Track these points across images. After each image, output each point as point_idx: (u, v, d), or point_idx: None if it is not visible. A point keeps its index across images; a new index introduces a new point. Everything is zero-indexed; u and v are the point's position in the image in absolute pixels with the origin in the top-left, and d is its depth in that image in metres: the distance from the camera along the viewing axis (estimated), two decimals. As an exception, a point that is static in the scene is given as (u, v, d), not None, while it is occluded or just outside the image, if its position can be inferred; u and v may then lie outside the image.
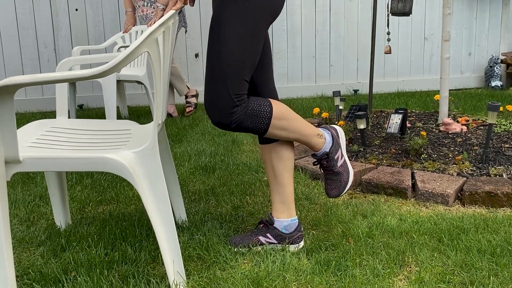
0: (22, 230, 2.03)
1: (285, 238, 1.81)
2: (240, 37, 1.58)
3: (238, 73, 1.59)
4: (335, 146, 1.82)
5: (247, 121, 1.62)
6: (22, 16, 4.88)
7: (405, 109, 3.07)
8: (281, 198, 1.82)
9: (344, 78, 5.57)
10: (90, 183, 2.60)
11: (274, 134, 1.69)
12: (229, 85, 1.58)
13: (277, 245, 1.83)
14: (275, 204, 1.83)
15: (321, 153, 1.81)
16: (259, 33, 1.62)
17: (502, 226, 1.96)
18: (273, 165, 1.81)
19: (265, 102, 1.66)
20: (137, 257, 1.76)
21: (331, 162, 1.82)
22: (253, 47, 1.61)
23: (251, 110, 1.62)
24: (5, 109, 1.33)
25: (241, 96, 1.60)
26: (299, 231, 1.83)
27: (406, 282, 1.59)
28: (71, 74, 1.31)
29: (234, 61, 1.58)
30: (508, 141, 2.93)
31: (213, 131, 3.76)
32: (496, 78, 5.70)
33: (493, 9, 5.80)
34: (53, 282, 1.61)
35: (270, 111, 1.65)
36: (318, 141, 1.79)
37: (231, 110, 1.59)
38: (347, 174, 1.85)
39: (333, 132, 1.85)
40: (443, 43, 3.31)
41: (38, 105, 5.00)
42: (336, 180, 1.83)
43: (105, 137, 1.75)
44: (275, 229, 1.82)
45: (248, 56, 1.60)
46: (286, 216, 1.83)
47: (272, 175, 1.82)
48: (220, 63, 1.58)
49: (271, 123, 1.65)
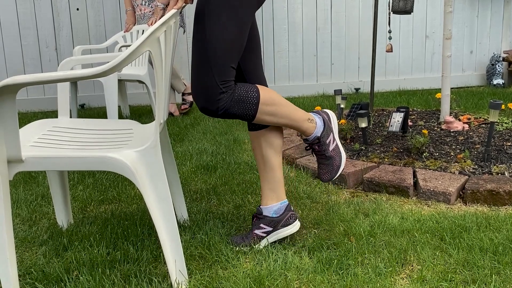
0: (24, 230, 2.04)
1: (278, 221, 1.82)
2: (225, 24, 1.59)
3: (224, 60, 1.59)
4: (326, 131, 1.82)
5: (234, 108, 1.62)
6: (24, 16, 4.89)
7: (407, 108, 3.07)
8: (270, 185, 1.83)
9: (345, 76, 5.56)
10: (92, 183, 2.60)
11: (262, 119, 1.69)
12: (214, 72, 1.59)
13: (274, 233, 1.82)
14: (264, 192, 1.85)
15: (312, 138, 1.81)
16: (244, 19, 1.63)
17: (504, 225, 1.96)
18: (262, 150, 1.82)
19: (252, 88, 1.66)
20: (139, 256, 1.76)
21: (322, 147, 1.82)
22: (238, 34, 1.61)
23: (237, 96, 1.62)
24: (7, 109, 1.33)
25: (228, 82, 1.60)
26: (290, 210, 1.84)
27: (408, 281, 1.59)
28: (72, 73, 1.32)
29: (219, 48, 1.58)
30: (510, 139, 2.93)
31: (215, 130, 3.76)
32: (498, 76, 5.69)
33: (494, 7, 5.79)
34: (55, 282, 1.62)
35: (257, 97, 1.65)
36: (308, 125, 1.79)
37: (218, 97, 1.59)
38: (339, 158, 1.84)
39: (325, 117, 1.85)
40: (445, 41, 3.30)
41: (39, 105, 5.00)
42: (329, 164, 1.84)
43: (107, 137, 1.75)
44: (265, 217, 1.83)
45: (234, 43, 1.61)
46: (275, 201, 1.84)
47: (262, 161, 1.83)
48: (206, 50, 1.59)
49: (258, 108, 1.66)
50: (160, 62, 1.50)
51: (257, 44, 1.81)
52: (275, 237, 1.83)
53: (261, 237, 1.82)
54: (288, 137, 3.27)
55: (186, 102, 4.53)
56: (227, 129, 3.77)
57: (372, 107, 3.84)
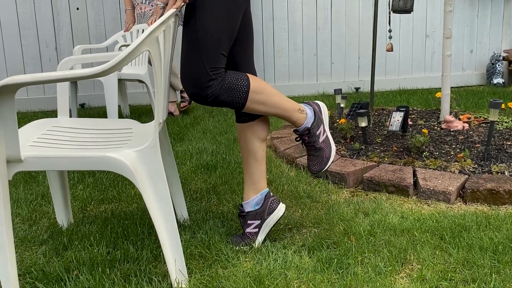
0: (24, 229, 2.04)
1: (262, 212, 1.82)
2: (217, 10, 1.59)
3: (214, 46, 1.59)
4: (317, 122, 1.82)
5: (223, 95, 1.62)
6: (23, 16, 4.89)
7: (407, 107, 3.07)
8: (251, 178, 1.84)
9: (345, 76, 5.56)
10: (92, 182, 2.60)
11: (252, 108, 1.70)
12: (204, 59, 1.59)
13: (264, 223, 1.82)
14: (245, 187, 1.85)
15: (303, 128, 1.81)
16: (235, 7, 1.63)
17: (504, 224, 1.96)
18: (249, 143, 1.82)
19: (243, 76, 1.67)
20: (139, 255, 1.76)
21: (312, 138, 1.82)
22: (229, 21, 1.62)
23: (227, 84, 1.62)
24: (6, 108, 1.33)
25: (217, 69, 1.61)
26: (269, 197, 1.84)
27: (408, 280, 1.59)
28: (72, 73, 1.32)
29: (209, 34, 1.58)
30: (510, 139, 2.92)
31: (214, 129, 3.76)
32: (498, 76, 5.69)
33: (494, 6, 5.79)
34: (55, 281, 1.62)
35: (248, 85, 1.65)
36: (299, 116, 1.79)
37: (207, 84, 1.59)
38: (329, 149, 1.84)
39: (315, 108, 1.85)
40: (445, 40, 3.30)
41: (39, 105, 5.00)
42: (318, 155, 1.84)
43: (106, 136, 1.75)
44: (248, 213, 1.83)
45: (224, 30, 1.61)
46: (255, 194, 1.84)
47: (247, 153, 1.83)
48: (195, 37, 1.59)
49: (248, 97, 1.66)
50: (159, 61, 1.50)
51: (250, 36, 1.81)
52: (267, 227, 1.83)
53: (255, 233, 1.82)
54: (288, 137, 3.27)
55: (185, 100, 4.52)
56: (227, 129, 3.77)
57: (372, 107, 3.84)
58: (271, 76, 5.39)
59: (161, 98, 1.57)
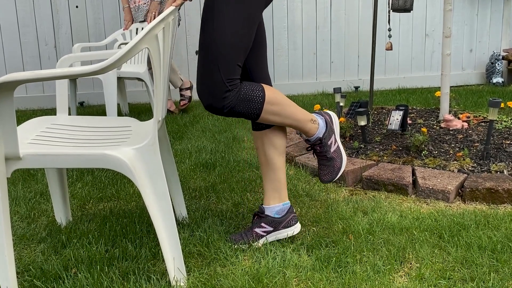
0: (22, 227, 2.03)
1: (279, 222, 1.82)
2: (233, 22, 1.58)
3: (231, 57, 1.59)
4: (328, 132, 1.83)
5: (239, 106, 1.62)
6: (23, 14, 4.88)
7: (406, 106, 3.07)
8: (272, 185, 1.83)
9: (345, 74, 5.56)
10: (91, 180, 2.60)
11: (267, 119, 1.69)
12: (221, 70, 1.58)
13: (275, 233, 1.82)
14: (267, 192, 1.85)
15: (315, 139, 1.81)
16: (252, 18, 1.62)
17: (502, 223, 1.96)
18: (265, 151, 1.82)
19: (258, 87, 1.66)
20: (137, 253, 1.76)
21: (324, 148, 1.82)
22: (246, 32, 1.61)
23: (243, 95, 1.62)
24: (5, 106, 1.33)
25: (234, 80, 1.60)
26: (291, 212, 1.84)
27: (407, 279, 1.59)
28: (71, 70, 1.31)
29: (226, 45, 1.58)
30: (509, 138, 2.93)
31: (214, 128, 3.76)
32: (497, 75, 5.69)
33: (494, 5, 5.79)
34: (53, 279, 1.61)
35: (263, 96, 1.65)
36: (311, 126, 1.79)
37: (224, 95, 1.59)
38: (340, 159, 1.85)
39: (327, 118, 1.85)
40: (444, 39, 3.30)
41: (38, 103, 5.00)
42: (329, 165, 1.84)
43: (105, 134, 1.75)
44: (267, 216, 1.83)
45: (241, 41, 1.60)
46: (277, 202, 1.84)
47: (265, 161, 1.83)
48: (213, 48, 1.59)
49: (263, 108, 1.66)
50: (158, 59, 1.49)
51: (263, 43, 1.81)
52: (274, 237, 1.83)
53: (261, 236, 1.82)
54: (287, 135, 3.27)
55: (185, 98, 4.50)
56: (226, 127, 3.77)
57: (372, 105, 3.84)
58: (271, 74, 5.38)
59: (160, 96, 1.57)
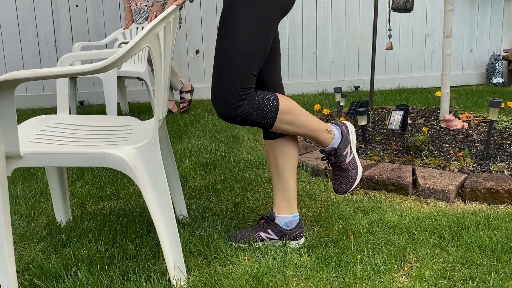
0: (22, 226, 2.03)
1: (286, 234, 1.81)
2: (249, 31, 1.58)
3: (246, 67, 1.58)
4: (344, 142, 1.80)
5: (253, 115, 1.62)
6: (23, 13, 4.88)
7: (406, 106, 3.07)
8: (283, 195, 1.82)
9: (345, 74, 5.56)
10: (91, 179, 2.60)
11: (280, 128, 1.68)
12: (236, 79, 1.58)
13: (278, 241, 1.82)
14: (277, 201, 1.83)
15: (329, 149, 1.79)
16: (269, 28, 1.62)
17: (503, 223, 1.96)
18: (276, 160, 1.80)
19: (272, 96, 1.65)
20: (137, 252, 1.76)
21: (339, 158, 1.80)
22: (262, 42, 1.60)
23: (257, 104, 1.62)
24: (6, 104, 1.33)
25: (248, 90, 1.60)
26: (300, 227, 1.83)
27: (407, 278, 1.59)
28: (72, 69, 1.31)
29: (242, 55, 1.58)
30: (509, 138, 2.92)
31: (214, 127, 3.76)
32: (497, 75, 5.69)
33: (494, 5, 5.79)
34: (53, 278, 1.61)
35: (277, 105, 1.64)
36: (326, 136, 1.77)
37: (237, 104, 1.59)
38: (356, 170, 1.82)
39: (343, 128, 1.83)
40: (445, 39, 3.30)
41: (38, 102, 4.99)
42: (344, 176, 1.82)
43: (106, 133, 1.75)
44: (276, 225, 1.82)
45: (257, 51, 1.60)
46: (287, 213, 1.82)
47: (275, 170, 1.82)
48: (228, 57, 1.58)
49: (277, 117, 1.65)
50: (159, 58, 1.49)
51: (277, 53, 1.80)
52: (276, 243, 1.83)
53: (263, 240, 1.82)
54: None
55: (185, 101, 4.50)
56: (227, 127, 3.77)
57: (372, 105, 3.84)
58: (271, 74, 5.38)
59: (161, 95, 1.57)
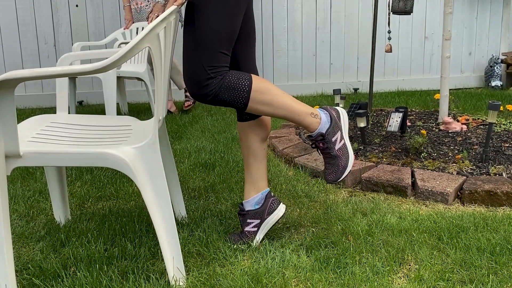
0: (21, 226, 2.03)
1: (262, 211, 1.82)
2: (216, 9, 1.58)
3: (213, 45, 1.58)
4: (333, 128, 1.75)
5: (223, 94, 1.61)
6: (22, 12, 4.87)
7: (406, 108, 3.07)
8: (252, 177, 1.83)
9: (344, 76, 5.56)
10: (90, 179, 2.59)
11: (256, 109, 1.66)
12: (202, 57, 1.58)
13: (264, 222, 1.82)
14: (246, 186, 1.85)
15: (316, 134, 1.74)
16: (237, 5, 1.62)
17: (501, 225, 1.96)
18: (249, 141, 1.82)
19: (245, 75, 1.64)
20: (136, 253, 1.76)
21: (327, 144, 1.74)
22: (229, 20, 1.61)
23: (227, 83, 1.61)
24: (5, 104, 1.33)
25: (217, 68, 1.59)
26: (270, 197, 1.84)
27: (406, 280, 1.59)
28: (72, 68, 1.31)
29: (209, 33, 1.58)
30: (508, 141, 2.93)
31: (213, 128, 3.76)
32: (496, 78, 5.70)
33: (493, 9, 5.80)
34: (52, 277, 1.61)
35: (249, 85, 1.63)
36: (312, 120, 1.73)
37: (205, 82, 1.59)
38: (346, 158, 1.76)
39: (333, 113, 1.77)
40: (444, 41, 3.30)
41: (37, 101, 4.99)
42: (334, 164, 1.75)
43: (105, 133, 1.75)
44: (248, 211, 1.83)
45: (224, 29, 1.60)
46: (255, 193, 1.84)
47: (248, 152, 1.83)
48: (195, 35, 1.59)
49: (250, 96, 1.63)
50: (159, 58, 1.49)
51: (251, 34, 1.80)
52: (266, 227, 1.83)
53: (254, 232, 1.82)
54: (286, 136, 3.27)
55: (190, 99, 4.51)
56: (226, 127, 3.77)
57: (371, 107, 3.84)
58: (270, 75, 5.39)
59: (161, 95, 1.57)
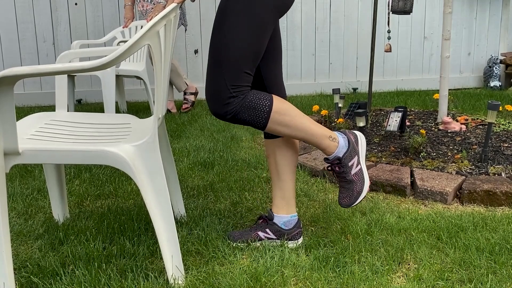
0: (20, 223, 2.02)
1: (284, 234, 1.81)
2: (242, 29, 1.57)
3: (237, 64, 1.57)
4: (350, 152, 1.73)
5: (244, 113, 1.60)
6: (21, 10, 4.86)
7: (405, 108, 3.07)
8: (281, 194, 1.81)
9: (343, 76, 5.56)
10: (89, 177, 2.59)
11: (275, 130, 1.65)
12: (226, 75, 1.57)
13: (276, 241, 1.82)
14: (275, 200, 1.83)
15: (333, 157, 1.72)
16: (263, 26, 1.60)
17: (500, 225, 1.96)
18: (276, 160, 1.80)
19: (266, 96, 1.63)
20: (135, 251, 1.75)
21: (343, 168, 1.72)
22: (256, 40, 1.59)
23: (248, 102, 1.60)
24: (4, 101, 1.32)
25: (239, 87, 1.59)
26: (298, 227, 1.83)
27: (405, 279, 1.59)
28: (71, 65, 1.31)
29: (233, 51, 1.57)
30: (507, 141, 2.93)
31: (212, 127, 3.75)
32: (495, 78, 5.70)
33: (493, 9, 5.80)
34: (51, 275, 1.61)
35: (270, 105, 1.62)
36: (329, 144, 1.71)
37: (227, 101, 1.58)
38: (361, 183, 1.74)
39: (351, 137, 1.75)
40: (444, 41, 3.30)
41: (36, 99, 4.98)
42: (349, 188, 1.74)
43: (105, 131, 1.74)
44: (274, 224, 1.82)
45: (250, 48, 1.58)
46: (285, 212, 1.82)
47: (275, 170, 1.81)
48: (220, 53, 1.58)
49: (270, 117, 1.62)
50: (159, 56, 1.49)
51: (279, 53, 1.79)
52: (274, 243, 1.83)
53: (261, 239, 1.82)
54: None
55: (188, 101, 4.49)
56: (225, 127, 3.76)
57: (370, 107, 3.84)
58: (269, 75, 5.37)
59: (161, 92, 1.57)
